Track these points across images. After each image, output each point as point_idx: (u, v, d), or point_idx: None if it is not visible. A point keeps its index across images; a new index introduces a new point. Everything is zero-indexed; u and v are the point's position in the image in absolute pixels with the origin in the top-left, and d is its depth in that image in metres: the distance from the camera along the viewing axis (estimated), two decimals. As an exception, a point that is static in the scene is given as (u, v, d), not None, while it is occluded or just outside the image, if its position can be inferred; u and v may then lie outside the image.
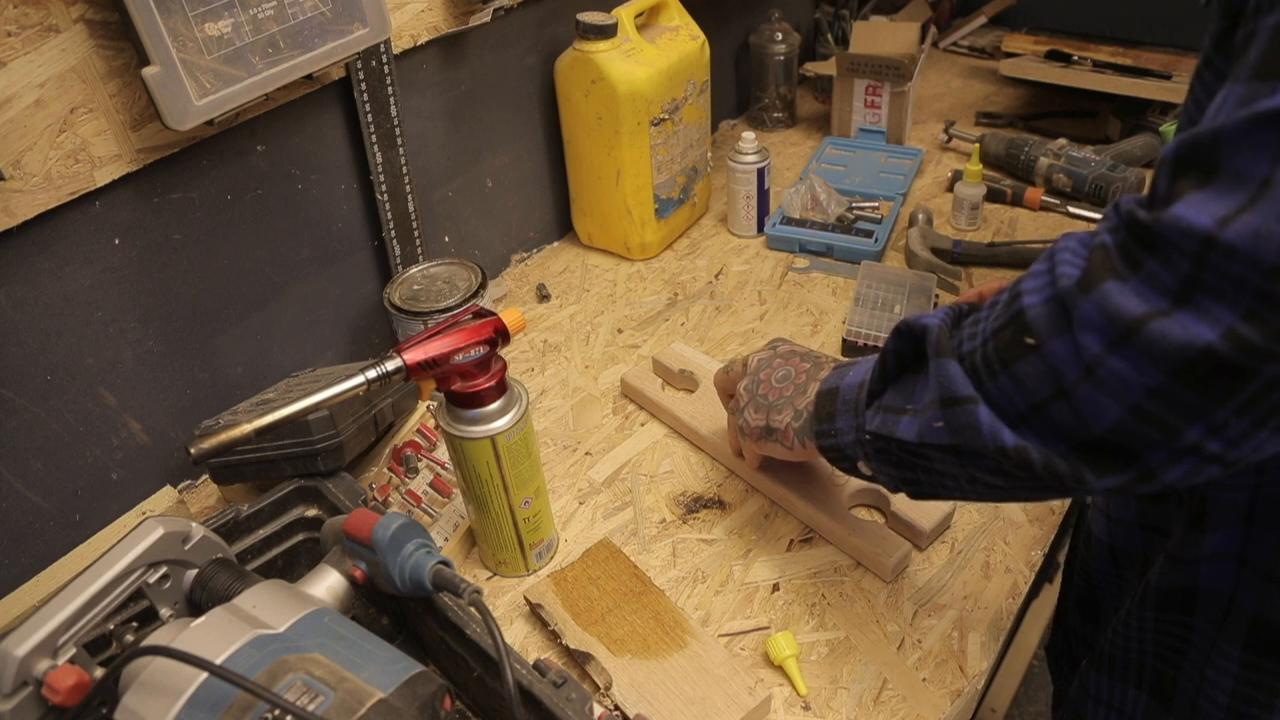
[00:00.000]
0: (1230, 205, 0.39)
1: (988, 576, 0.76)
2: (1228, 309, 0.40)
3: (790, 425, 0.70)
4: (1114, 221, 0.46)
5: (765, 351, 0.77)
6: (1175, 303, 0.41)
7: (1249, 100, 0.40)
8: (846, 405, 0.63)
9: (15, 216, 0.70)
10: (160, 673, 0.50)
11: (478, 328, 0.66)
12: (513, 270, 1.21)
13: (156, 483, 0.88)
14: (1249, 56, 0.42)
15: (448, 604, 0.63)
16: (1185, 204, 0.41)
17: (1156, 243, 0.42)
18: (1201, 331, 0.41)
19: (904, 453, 0.58)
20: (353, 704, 0.47)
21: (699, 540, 0.81)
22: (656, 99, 1.08)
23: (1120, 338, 0.43)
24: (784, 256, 1.18)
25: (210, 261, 0.86)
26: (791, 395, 0.70)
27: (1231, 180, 0.40)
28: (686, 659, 0.68)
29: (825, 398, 0.65)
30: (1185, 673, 0.64)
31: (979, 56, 1.63)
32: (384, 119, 0.94)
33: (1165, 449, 0.45)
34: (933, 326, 0.56)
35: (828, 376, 0.67)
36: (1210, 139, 0.41)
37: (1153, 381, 0.43)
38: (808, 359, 0.73)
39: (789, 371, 0.71)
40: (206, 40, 0.73)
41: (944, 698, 0.68)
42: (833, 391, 0.65)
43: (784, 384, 0.70)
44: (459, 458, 0.71)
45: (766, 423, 0.71)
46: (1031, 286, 0.49)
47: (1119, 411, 0.45)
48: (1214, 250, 0.39)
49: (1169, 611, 0.64)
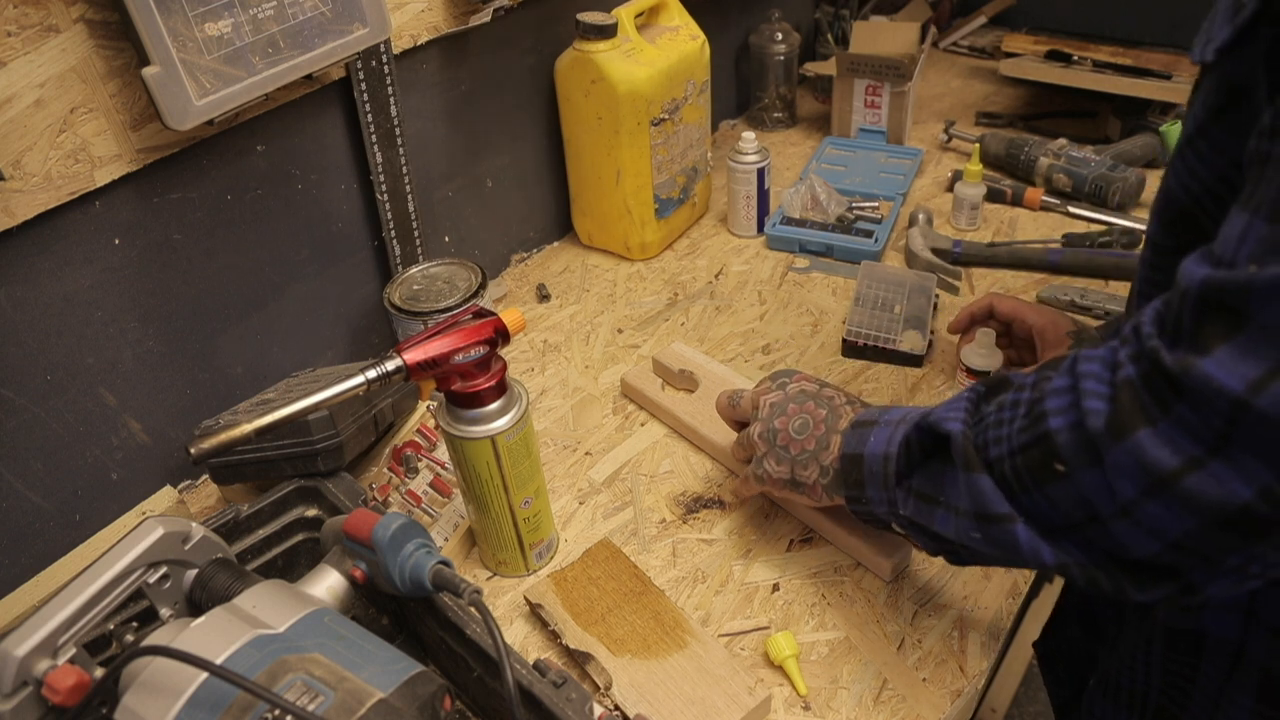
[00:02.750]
0: (1261, 367, 0.39)
1: (988, 576, 0.76)
2: (1263, 466, 0.40)
3: (819, 482, 0.70)
4: (1135, 348, 0.46)
5: (775, 393, 0.74)
6: (1209, 453, 0.42)
7: (1274, 248, 0.40)
8: (874, 476, 0.64)
9: (15, 216, 0.70)
10: (160, 673, 0.50)
11: (478, 328, 0.66)
12: (513, 270, 1.21)
13: (156, 483, 0.88)
14: (1267, 189, 0.41)
15: (448, 604, 0.63)
16: (1215, 362, 0.41)
17: (1186, 391, 0.42)
18: (1237, 489, 0.41)
19: (942, 541, 0.60)
20: (353, 704, 0.47)
21: (699, 540, 0.81)
22: (656, 99, 1.08)
23: (1155, 487, 0.44)
24: (784, 256, 1.18)
25: (210, 261, 0.86)
26: (814, 450, 0.69)
27: (1261, 336, 0.40)
28: (686, 659, 0.68)
29: (850, 464, 0.66)
30: (1190, 712, 0.64)
31: (979, 56, 1.63)
32: (384, 119, 0.94)
33: (1206, 571, 0.46)
34: (956, 434, 0.56)
35: (848, 436, 0.67)
36: (1239, 289, 0.40)
37: (1190, 526, 0.44)
38: (821, 402, 0.71)
39: (806, 421, 0.70)
40: (206, 40, 0.72)
41: (944, 698, 0.68)
42: (857, 459, 0.65)
43: (804, 436, 0.70)
44: (459, 458, 0.71)
45: (791, 476, 0.71)
46: (1056, 407, 0.49)
47: (1157, 546, 0.46)
48: (1246, 414, 0.40)
49: (1176, 652, 0.63)
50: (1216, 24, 0.48)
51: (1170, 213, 0.54)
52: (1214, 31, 0.48)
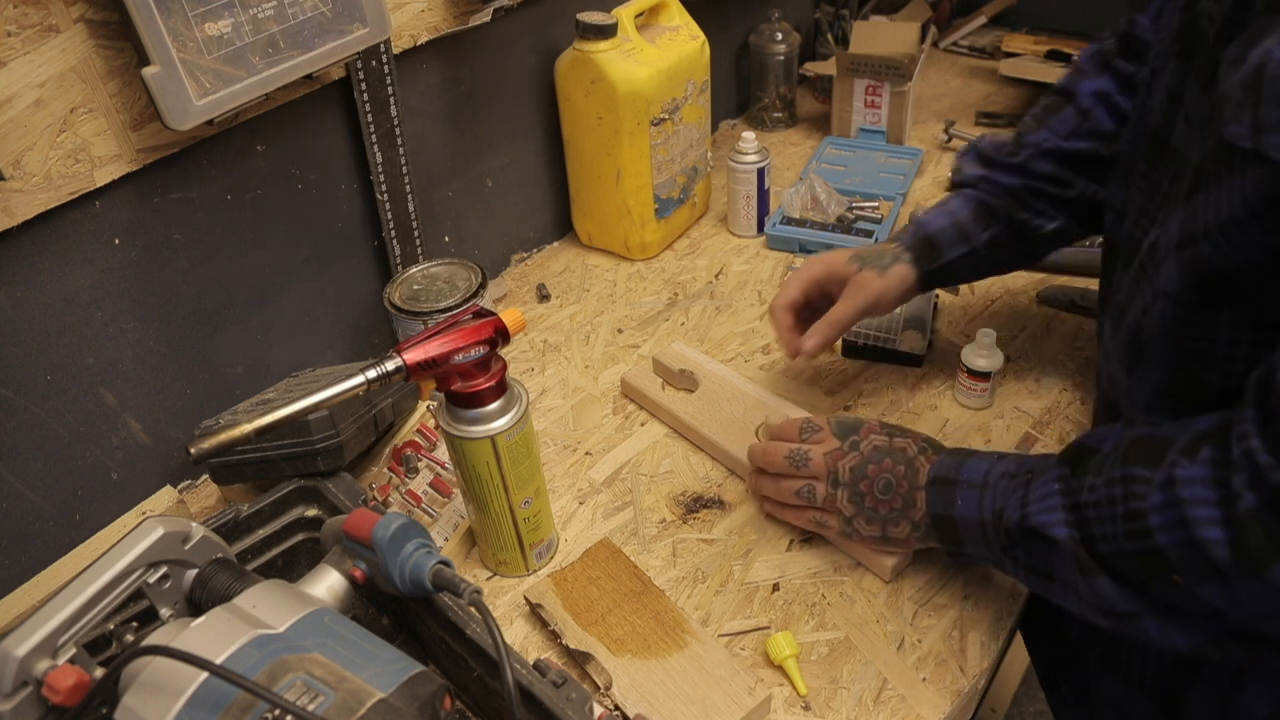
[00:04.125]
0: None
1: (988, 576, 0.76)
2: None
3: (912, 535, 0.72)
4: (1250, 473, 0.47)
5: (851, 455, 0.73)
6: None
7: None
8: (974, 540, 0.66)
9: (15, 216, 0.70)
10: (160, 673, 0.50)
11: (478, 328, 0.66)
12: (513, 270, 1.21)
13: (156, 483, 0.88)
14: None
15: (448, 604, 0.63)
16: None
17: None
18: None
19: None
20: (353, 704, 0.47)
21: (699, 540, 0.81)
22: (656, 99, 1.08)
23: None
24: (784, 256, 1.18)
25: (210, 261, 0.86)
26: (902, 508, 0.71)
27: None
28: (686, 659, 0.68)
29: (943, 523, 0.68)
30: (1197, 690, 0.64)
31: (979, 56, 1.63)
32: (384, 119, 0.94)
33: None
34: (1064, 539, 0.58)
35: (932, 496, 0.69)
36: None
37: None
38: (897, 457, 0.72)
39: (889, 481, 0.71)
40: (206, 40, 0.73)
41: (944, 698, 0.68)
42: (948, 520, 0.68)
43: (889, 495, 0.71)
44: (459, 458, 0.71)
45: (883, 534, 0.73)
46: (1160, 524, 0.51)
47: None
48: None
49: None
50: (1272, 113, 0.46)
51: (1199, 275, 0.54)
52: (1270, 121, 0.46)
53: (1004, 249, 0.85)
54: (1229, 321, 0.54)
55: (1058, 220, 0.83)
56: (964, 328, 1.03)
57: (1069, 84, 0.83)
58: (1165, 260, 0.57)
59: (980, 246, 0.85)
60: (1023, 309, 1.05)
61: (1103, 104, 0.79)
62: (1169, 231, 0.57)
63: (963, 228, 0.85)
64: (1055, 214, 0.83)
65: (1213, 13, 0.56)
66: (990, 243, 0.84)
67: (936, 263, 0.85)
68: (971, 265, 0.86)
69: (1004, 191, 0.84)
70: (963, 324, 1.03)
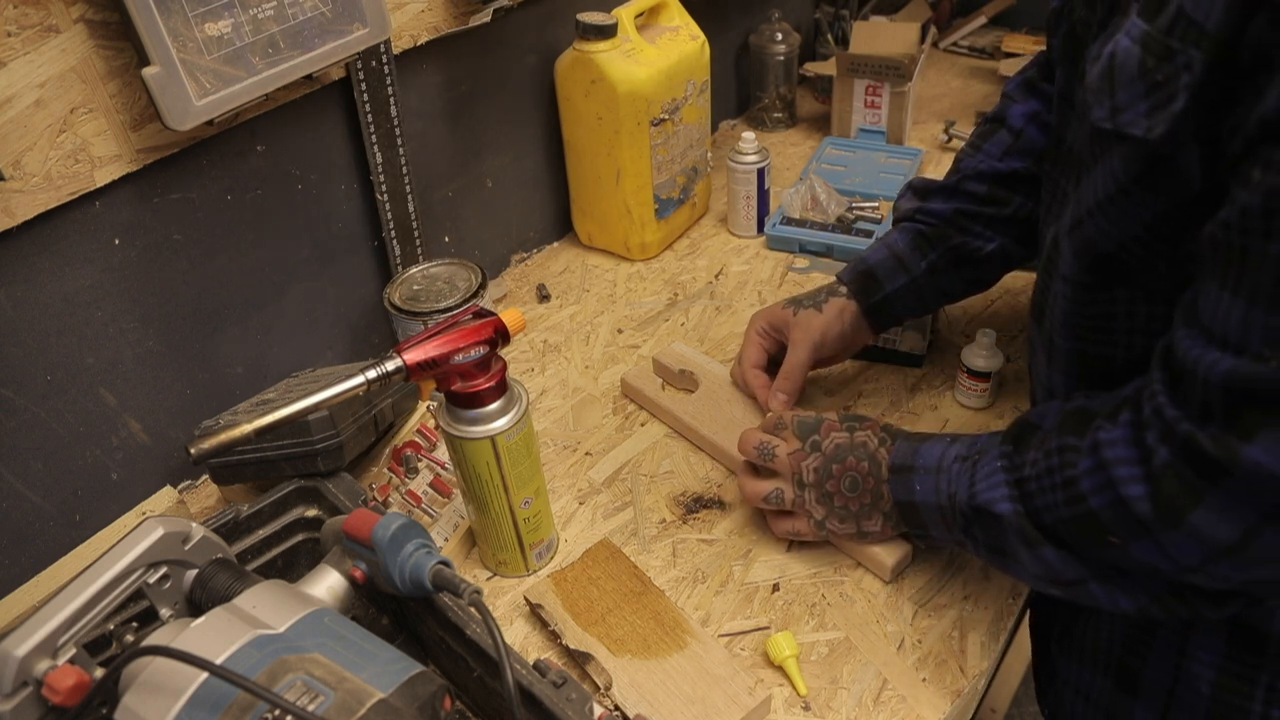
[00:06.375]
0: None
1: (988, 576, 0.76)
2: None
3: (886, 526, 0.73)
4: (1161, 430, 0.50)
5: (813, 456, 0.74)
6: (1266, 519, 0.46)
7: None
8: (936, 523, 0.68)
9: (15, 216, 0.70)
10: (160, 673, 0.50)
11: (478, 328, 0.66)
12: (513, 270, 1.21)
13: (156, 483, 0.88)
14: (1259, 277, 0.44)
15: (448, 604, 0.63)
16: (1262, 449, 0.44)
17: (1235, 474, 0.46)
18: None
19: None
20: (353, 704, 0.47)
21: (699, 540, 0.81)
22: (656, 99, 1.08)
23: (1220, 555, 0.49)
24: (784, 257, 1.18)
25: (210, 261, 0.86)
26: (872, 503, 0.72)
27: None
28: (686, 659, 0.68)
29: (908, 509, 0.70)
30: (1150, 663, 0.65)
31: (979, 56, 1.63)
32: (384, 119, 0.94)
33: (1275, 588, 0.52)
34: (1008, 515, 0.60)
35: (894, 484, 0.70)
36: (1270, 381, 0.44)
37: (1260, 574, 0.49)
38: (859, 453, 0.72)
39: (855, 478, 0.72)
40: (206, 40, 0.73)
41: (944, 698, 0.68)
42: (912, 506, 0.69)
43: (858, 492, 0.72)
44: (459, 458, 0.71)
45: (858, 529, 0.74)
46: (1091, 488, 0.53)
47: (1226, 586, 0.52)
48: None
49: None
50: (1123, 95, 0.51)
51: (1089, 257, 0.58)
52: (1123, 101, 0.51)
53: (945, 275, 0.86)
54: (1125, 298, 0.58)
55: (996, 240, 0.85)
56: (964, 328, 1.03)
57: (1000, 111, 0.86)
58: (1062, 247, 0.61)
59: (920, 275, 0.86)
60: (1023, 309, 1.05)
61: (1034, 123, 0.82)
62: (1063, 220, 0.61)
63: (900, 258, 0.86)
64: (993, 234, 0.85)
65: (1088, 19, 0.60)
66: (930, 270, 0.86)
67: (879, 294, 0.87)
68: (915, 295, 0.87)
69: (939, 219, 0.86)
70: (963, 324, 1.03)
